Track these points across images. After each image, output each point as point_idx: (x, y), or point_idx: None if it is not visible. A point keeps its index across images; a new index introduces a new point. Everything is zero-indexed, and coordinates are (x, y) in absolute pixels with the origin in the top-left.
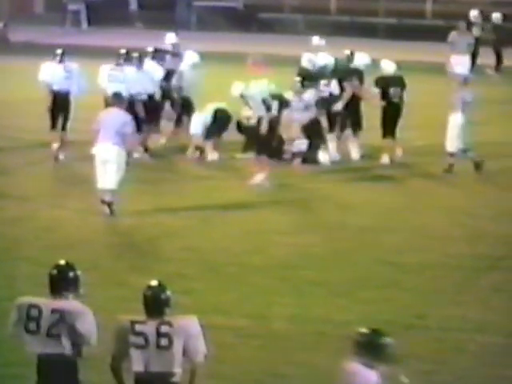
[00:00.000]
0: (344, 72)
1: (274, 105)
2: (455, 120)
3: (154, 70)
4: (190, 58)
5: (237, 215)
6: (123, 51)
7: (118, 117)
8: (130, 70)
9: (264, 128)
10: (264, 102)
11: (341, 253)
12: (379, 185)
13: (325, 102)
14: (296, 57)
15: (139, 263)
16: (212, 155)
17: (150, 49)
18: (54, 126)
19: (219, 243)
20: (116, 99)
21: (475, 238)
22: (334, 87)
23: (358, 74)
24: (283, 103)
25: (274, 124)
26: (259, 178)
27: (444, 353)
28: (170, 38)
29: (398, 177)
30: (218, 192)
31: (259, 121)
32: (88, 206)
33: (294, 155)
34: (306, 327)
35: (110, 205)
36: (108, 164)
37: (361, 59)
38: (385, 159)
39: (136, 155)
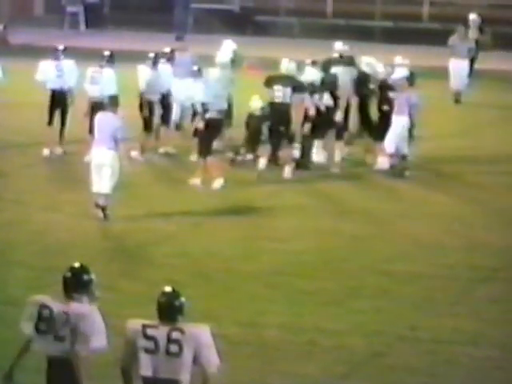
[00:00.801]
0: (334, 82)
1: (214, 107)
2: (400, 123)
3: (166, 72)
4: (220, 58)
5: (228, 221)
6: (107, 53)
7: (112, 121)
8: (108, 72)
9: (199, 130)
10: (203, 104)
11: (333, 261)
12: (373, 192)
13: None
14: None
15: (130, 268)
16: (193, 156)
17: (167, 50)
18: (50, 122)
19: (210, 249)
20: (109, 103)
21: (470, 248)
22: (327, 100)
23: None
24: (296, 88)
25: (215, 125)
26: (217, 182)
27: (436, 365)
28: (229, 45)
29: (391, 184)
30: (210, 197)
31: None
32: (81, 209)
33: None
34: (297, 336)
35: (103, 209)
36: (103, 168)
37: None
38: (383, 164)
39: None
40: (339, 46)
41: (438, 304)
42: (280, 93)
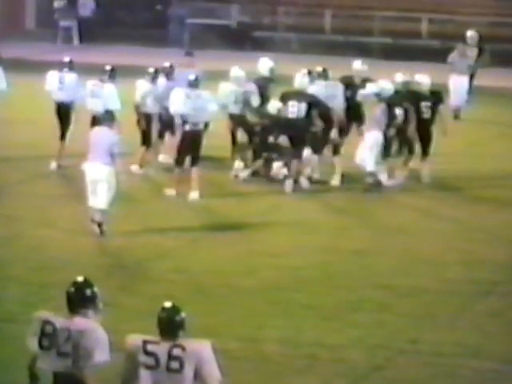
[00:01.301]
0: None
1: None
2: (371, 139)
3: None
4: (233, 72)
5: (227, 236)
6: (108, 67)
7: (107, 136)
8: (109, 87)
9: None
10: (181, 116)
11: (333, 276)
12: (373, 207)
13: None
14: (290, 76)
15: (128, 284)
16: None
17: (167, 64)
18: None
19: (209, 264)
20: (105, 118)
21: (471, 263)
22: (320, 124)
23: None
24: (312, 103)
25: (191, 138)
26: (193, 194)
27: (437, 378)
28: (266, 63)
29: (391, 199)
30: (208, 212)
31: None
32: (77, 225)
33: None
34: (297, 350)
35: (100, 225)
36: (99, 184)
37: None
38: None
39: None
40: (357, 66)
41: (439, 318)
42: (295, 108)
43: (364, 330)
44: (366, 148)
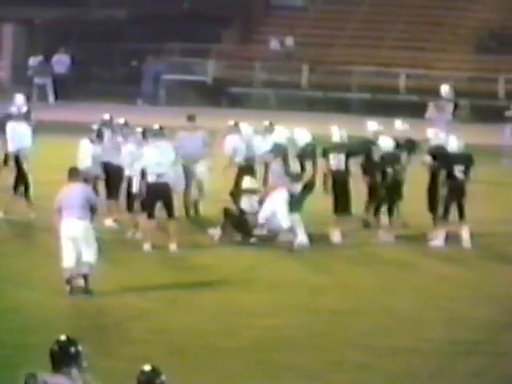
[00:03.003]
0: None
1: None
2: (279, 196)
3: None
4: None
5: (206, 296)
6: (95, 127)
7: (81, 191)
8: (84, 145)
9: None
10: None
11: (313, 336)
12: (352, 266)
13: None
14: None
15: (105, 346)
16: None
17: (156, 126)
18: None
19: (188, 325)
20: (73, 174)
21: (451, 322)
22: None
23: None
24: (350, 153)
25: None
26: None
27: None
28: (372, 126)
29: (371, 258)
30: (187, 272)
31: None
32: (54, 286)
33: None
34: None
35: (85, 278)
36: (77, 241)
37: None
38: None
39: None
40: (399, 126)
41: (419, 378)
42: (335, 160)
43: None
44: (274, 207)
